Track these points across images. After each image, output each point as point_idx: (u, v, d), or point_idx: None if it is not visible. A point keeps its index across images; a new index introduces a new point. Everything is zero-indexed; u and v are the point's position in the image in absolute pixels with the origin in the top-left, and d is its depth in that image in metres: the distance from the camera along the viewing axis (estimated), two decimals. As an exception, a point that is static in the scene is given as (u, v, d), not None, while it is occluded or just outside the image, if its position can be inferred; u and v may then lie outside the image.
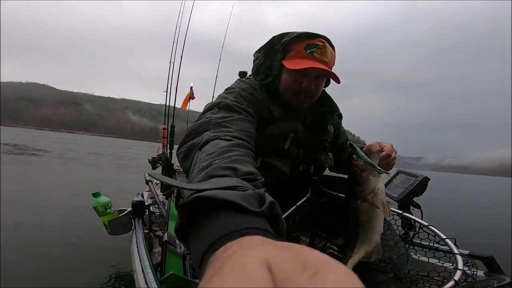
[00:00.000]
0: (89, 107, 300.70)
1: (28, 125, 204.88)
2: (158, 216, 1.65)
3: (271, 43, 1.10)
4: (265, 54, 1.12)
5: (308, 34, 1.04)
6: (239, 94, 0.99)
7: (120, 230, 1.67)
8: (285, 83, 1.08)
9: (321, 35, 1.05)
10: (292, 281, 0.18)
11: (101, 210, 1.63)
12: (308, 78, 1.05)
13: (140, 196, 1.64)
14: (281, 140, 1.09)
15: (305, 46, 1.03)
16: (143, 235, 1.38)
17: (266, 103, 1.06)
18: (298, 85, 1.06)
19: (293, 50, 1.05)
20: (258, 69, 1.13)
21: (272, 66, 1.09)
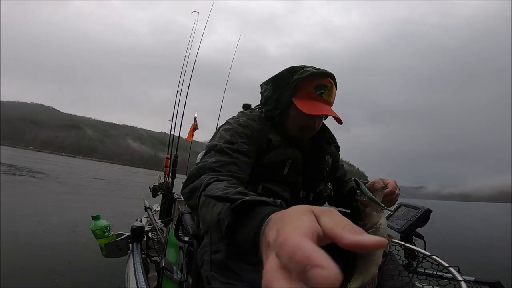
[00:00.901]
0: (91, 131, 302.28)
1: (28, 147, 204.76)
2: (155, 242, 1.67)
3: (280, 77, 1.13)
4: (273, 87, 1.15)
5: (319, 74, 1.08)
6: (235, 131, 1.07)
7: (115, 254, 1.69)
8: (293, 120, 1.12)
9: (330, 74, 1.10)
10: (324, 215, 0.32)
11: (99, 233, 1.66)
12: (313, 118, 1.11)
13: (139, 222, 1.67)
14: (280, 166, 1.12)
15: (315, 86, 1.07)
16: (141, 260, 1.41)
17: (265, 132, 1.12)
18: (305, 123, 1.11)
19: (304, 89, 1.08)
20: (267, 100, 1.17)
21: (279, 100, 1.13)
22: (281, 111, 1.13)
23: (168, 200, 2.85)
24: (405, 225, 1.26)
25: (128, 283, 1.38)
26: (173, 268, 1.32)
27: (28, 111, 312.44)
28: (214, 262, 0.93)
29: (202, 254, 0.99)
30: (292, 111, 1.12)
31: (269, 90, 1.17)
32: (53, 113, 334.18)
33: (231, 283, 0.86)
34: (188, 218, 1.31)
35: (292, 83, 1.09)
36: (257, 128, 1.11)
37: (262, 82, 1.23)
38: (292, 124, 1.14)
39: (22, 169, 15.90)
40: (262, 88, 1.23)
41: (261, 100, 1.23)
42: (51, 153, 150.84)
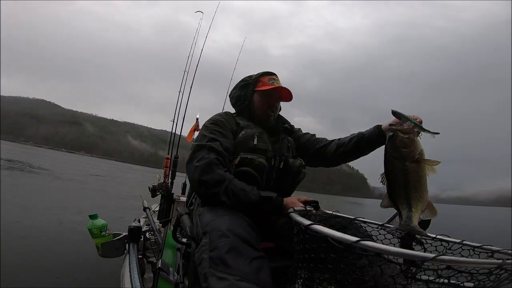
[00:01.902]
0: (91, 128, 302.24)
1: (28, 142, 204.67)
2: (153, 243, 1.66)
3: (243, 81, 1.64)
4: (240, 88, 1.63)
5: (268, 72, 1.63)
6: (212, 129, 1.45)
7: (112, 253, 1.68)
8: (257, 104, 1.58)
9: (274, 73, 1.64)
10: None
11: (96, 232, 1.64)
12: (273, 98, 1.57)
13: (137, 222, 1.66)
14: (250, 139, 1.45)
15: (268, 79, 1.59)
16: (137, 260, 1.40)
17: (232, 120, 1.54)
18: (267, 104, 1.57)
19: (261, 82, 1.60)
20: (236, 99, 1.64)
21: (246, 94, 1.60)
22: (249, 101, 1.59)
23: (167, 200, 2.84)
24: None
25: (123, 284, 1.37)
26: (170, 269, 1.32)
27: (30, 106, 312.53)
28: (212, 259, 0.95)
29: (201, 253, 1.01)
30: (257, 98, 1.59)
31: (237, 91, 1.64)
32: (54, 108, 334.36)
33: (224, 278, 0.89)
34: (187, 219, 1.31)
35: (253, 80, 1.60)
36: (225, 119, 1.51)
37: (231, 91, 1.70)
38: (258, 108, 1.58)
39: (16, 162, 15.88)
40: (231, 94, 1.68)
41: (231, 101, 1.68)
42: (51, 149, 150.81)
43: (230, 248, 0.96)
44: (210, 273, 0.92)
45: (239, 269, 0.91)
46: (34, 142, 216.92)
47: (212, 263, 0.94)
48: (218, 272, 0.91)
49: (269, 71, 1.63)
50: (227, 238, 0.99)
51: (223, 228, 1.04)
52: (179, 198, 2.89)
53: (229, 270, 0.90)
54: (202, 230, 1.11)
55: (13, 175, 10.44)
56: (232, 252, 0.95)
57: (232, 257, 0.94)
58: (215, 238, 1.01)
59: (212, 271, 0.92)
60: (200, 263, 0.98)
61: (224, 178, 1.26)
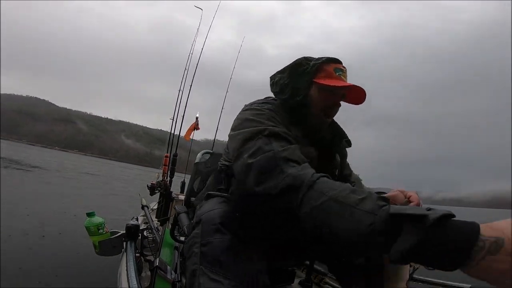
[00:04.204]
0: (86, 126, 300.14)
1: (22, 140, 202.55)
2: (151, 241, 1.66)
3: (298, 64, 1.15)
4: (290, 74, 1.15)
5: (334, 59, 1.15)
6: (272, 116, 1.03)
7: (109, 252, 1.66)
8: (316, 100, 1.12)
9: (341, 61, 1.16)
10: None
11: (94, 230, 1.63)
12: (337, 96, 1.13)
13: (135, 220, 1.66)
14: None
15: (334, 68, 1.12)
16: (134, 258, 1.39)
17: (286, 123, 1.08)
18: (330, 101, 1.13)
19: (324, 71, 1.12)
20: (283, 89, 1.16)
21: (299, 85, 1.13)
22: (303, 96, 1.13)
23: (166, 199, 2.83)
24: None
25: (120, 282, 1.37)
26: (167, 268, 1.32)
27: (24, 104, 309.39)
28: (204, 255, 0.86)
29: (191, 245, 0.91)
30: (314, 93, 1.13)
31: (285, 78, 1.16)
32: (49, 106, 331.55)
33: (219, 281, 0.81)
34: (185, 217, 1.31)
35: (312, 67, 1.12)
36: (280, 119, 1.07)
37: (274, 73, 1.21)
38: (315, 105, 1.13)
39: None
40: (274, 78, 1.20)
41: (274, 89, 1.20)
42: (44, 147, 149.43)
43: (226, 247, 0.86)
44: (201, 271, 0.84)
45: (235, 273, 0.83)
46: (28, 140, 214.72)
47: (204, 260, 0.85)
48: (211, 272, 0.83)
49: (334, 57, 1.15)
50: (223, 235, 0.88)
51: (217, 221, 0.90)
52: (177, 196, 2.89)
53: (224, 272, 0.82)
54: (196, 219, 0.99)
55: (7, 174, 10.32)
56: (228, 252, 0.85)
57: (228, 258, 0.85)
58: (208, 231, 0.90)
59: (203, 270, 0.84)
60: (190, 257, 0.90)
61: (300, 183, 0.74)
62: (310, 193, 0.72)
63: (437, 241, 0.50)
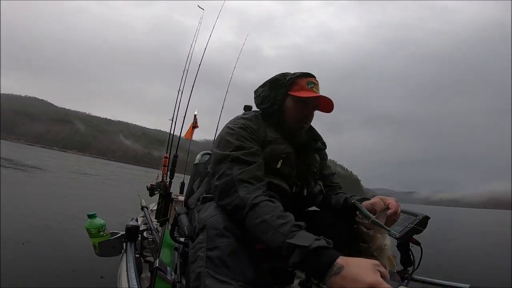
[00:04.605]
0: (85, 126, 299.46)
1: (20, 140, 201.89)
2: (150, 242, 1.66)
3: (275, 79, 1.36)
4: (270, 87, 1.36)
5: (307, 74, 1.35)
6: (240, 135, 1.21)
7: (109, 253, 1.67)
8: (291, 111, 1.33)
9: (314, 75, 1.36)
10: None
11: (94, 232, 1.63)
12: (309, 107, 1.33)
13: (134, 221, 1.66)
14: (274, 160, 1.24)
15: (306, 82, 1.32)
16: (134, 259, 1.40)
17: (261, 130, 1.29)
18: (302, 113, 1.32)
19: (297, 84, 1.32)
20: (264, 100, 1.36)
21: (276, 97, 1.33)
22: (279, 105, 1.33)
23: (165, 199, 2.83)
24: (403, 232, 1.26)
25: (120, 283, 1.37)
26: (167, 268, 1.32)
27: (22, 104, 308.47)
28: (211, 259, 0.89)
29: (196, 250, 0.95)
30: (289, 104, 1.33)
31: (266, 90, 1.36)
32: (47, 106, 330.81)
33: (226, 282, 0.84)
34: (184, 218, 1.31)
35: (287, 81, 1.33)
36: (255, 128, 1.26)
37: (257, 87, 1.41)
38: (290, 116, 1.33)
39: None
40: (257, 92, 1.41)
41: (257, 101, 1.40)
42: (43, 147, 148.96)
43: (232, 250, 0.91)
44: (206, 273, 0.87)
45: (242, 274, 0.87)
46: (26, 140, 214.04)
47: (210, 263, 0.89)
48: (217, 274, 0.86)
49: (308, 72, 1.35)
50: (228, 239, 0.93)
51: (221, 226, 0.97)
52: (177, 197, 2.89)
53: (231, 274, 0.86)
54: (199, 225, 1.04)
55: (6, 174, 10.30)
56: (234, 255, 0.90)
57: (234, 260, 0.89)
58: (213, 236, 0.95)
59: (209, 272, 0.87)
60: (194, 261, 0.93)
61: (244, 204, 0.98)
62: (250, 213, 0.97)
63: (310, 261, 0.78)
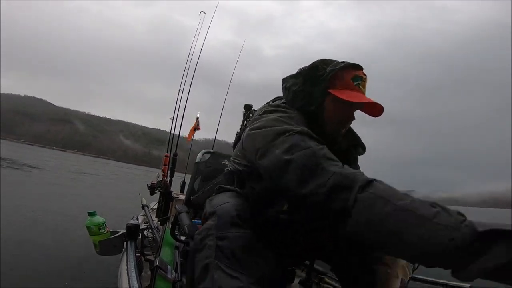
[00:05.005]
0: (84, 126, 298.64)
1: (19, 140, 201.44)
2: (151, 241, 1.67)
3: (313, 68, 1.07)
4: (305, 80, 1.07)
5: (354, 65, 1.05)
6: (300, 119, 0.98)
7: (109, 251, 1.67)
8: (331, 112, 1.06)
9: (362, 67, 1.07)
10: None
11: (94, 229, 1.63)
12: (352, 110, 1.07)
13: (135, 220, 1.66)
14: None
15: (352, 77, 1.04)
16: (134, 258, 1.40)
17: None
18: (345, 116, 1.07)
19: (341, 80, 1.04)
20: (297, 95, 1.08)
21: (313, 93, 1.05)
22: (317, 105, 1.06)
23: (166, 198, 2.83)
24: None
25: (121, 281, 1.37)
26: (168, 267, 1.32)
27: (21, 103, 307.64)
28: (221, 249, 0.81)
29: (204, 237, 0.85)
30: (329, 104, 1.06)
31: (298, 83, 1.08)
32: (47, 106, 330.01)
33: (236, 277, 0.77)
34: (185, 217, 1.31)
35: (328, 74, 1.03)
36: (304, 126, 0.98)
37: (287, 76, 1.14)
38: (330, 117, 1.07)
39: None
40: (287, 82, 1.13)
41: (287, 95, 1.13)
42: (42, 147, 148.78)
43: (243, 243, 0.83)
44: (216, 265, 0.79)
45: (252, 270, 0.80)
46: (25, 140, 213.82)
47: (220, 253, 0.81)
48: (227, 267, 0.79)
49: (355, 63, 1.05)
50: (239, 229, 0.84)
51: (233, 213, 0.87)
52: (177, 196, 2.89)
53: (242, 269, 0.79)
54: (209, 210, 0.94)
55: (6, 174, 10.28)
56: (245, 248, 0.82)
57: (245, 254, 0.82)
58: (224, 223, 0.85)
59: (219, 264, 0.79)
60: (201, 250, 0.84)
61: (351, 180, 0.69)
62: (365, 195, 0.66)
63: None
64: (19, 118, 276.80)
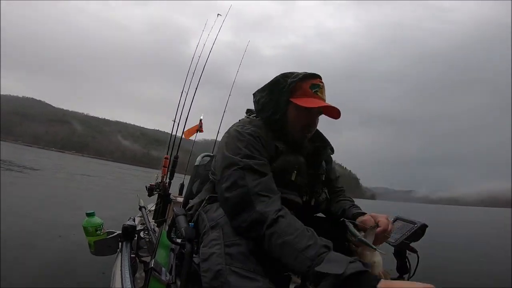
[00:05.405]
0: (83, 127, 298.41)
1: (17, 141, 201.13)
2: (147, 242, 1.65)
3: (275, 82, 1.21)
4: (269, 93, 1.21)
5: (311, 75, 1.19)
6: (249, 144, 1.09)
7: (104, 252, 1.65)
8: (294, 119, 1.19)
9: (319, 75, 1.21)
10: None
11: (91, 230, 1.62)
12: (312, 115, 1.19)
13: (131, 221, 1.65)
14: (288, 172, 1.16)
15: (310, 85, 1.17)
16: (129, 259, 1.39)
17: (271, 140, 1.16)
18: (306, 121, 1.19)
19: (300, 89, 1.17)
20: (264, 107, 1.22)
21: (278, 104, 1.18)
22: (281, 114, 1.19)
23: (164, 200, 2.82)
24: (400, 239, 1.24)
25: (114, 282, 1.36)
26: (162, 269, 1.31)
27: (20, 105, 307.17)
28: (231, 255, 0.84)
29: (210, 247, 0.89)
30: (292, 112, 1.19)
31: (265, 96, 1.22)
32: (45, 107, 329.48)
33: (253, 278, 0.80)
34: (182, 220, 1.30)
35: (289, 86, 1.17)
36: (264, 138, 1.14)
37: (255, 91, 1.28)
38: (293, 125, 1.20)
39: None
40: (256, 96, 1.27)
41: (256, 107, 1.28)
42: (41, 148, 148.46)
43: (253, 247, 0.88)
44: (228, 270, 0.81)
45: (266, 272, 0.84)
46: (24, 141, 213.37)
47: (231, 259, 0.83)
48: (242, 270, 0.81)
49: (313, 73, 1.20)
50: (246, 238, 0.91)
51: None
52: (176, 198, 2.88)
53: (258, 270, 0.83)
54: (210, 224, 1.00)
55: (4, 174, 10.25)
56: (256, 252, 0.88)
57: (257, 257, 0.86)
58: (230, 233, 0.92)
59: (231, 269, 0.81)
60: (208, 259, 0.87)
61: (264, 218, 0.89)
62: (270, 230, 0.87)
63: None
64: (17, 119, 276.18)
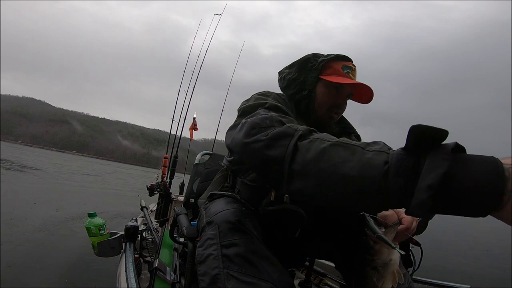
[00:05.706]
0: (82, 127, 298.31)
1: (18, 141, 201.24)
2: (150, 242, 1.66)
3: (306, 60, 1.17)
4: (298, 69, 1.17)
5: (343, 56, 1.15)
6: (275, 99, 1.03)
7: (108, 253, 1.66)
8: (322, 97, 1.13)
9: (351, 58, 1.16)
10: None
11: (94, 231, 1.63)
12: (342, 95, 1.13)
13: (134, 221, 1.65)
14: None
15: (342, 66, 1.12)
16: (133, 259, 1.39)
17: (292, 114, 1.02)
18: (334, 100, 1.13)
19: (331, 68, 1.13)
20: (290, 84, 1.17)
21: (305, 81, 1.14)
22: (309, 91, 1.13)
23: (165, 200, 2.83)
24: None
25: (119, 283, 1.37)
26: (166, 269, 1.32)
27: (19, 104, 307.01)
28: (229, 258, 0.75)
29: (205, 248, 0.80)
30: (320, 90, 1.13)
31: (293, 73, 1.17)
32: (45, 107, 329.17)
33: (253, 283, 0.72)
34: (184, 219, 1.30)
35: (320, 63, 1.13)
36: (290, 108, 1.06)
37: (283, 68, 1.23)
38: (320, 104, 1.13)
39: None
40: (282, 73, 1.22)
41: (282, 84, 1.21)
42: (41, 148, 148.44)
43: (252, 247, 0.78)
44: (226, 274, 0.73)
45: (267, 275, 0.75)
46: (24, 141, 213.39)
47: (228, 262, 0.75)
48: (241, 274, 0.73)
49: (344, 55, 1.16)
50: (245, 235, 0.80)
51: (234, 219, 0.83)
52: (177, 197, 2.88)
53: (259, 274, 0.74)
54: (206, 219, 0.89)
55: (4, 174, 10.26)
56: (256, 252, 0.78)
57: (257, 258, 0.77)
58: (227, 231, 0.81)
59: (229, 273, 0.73)
60: (204, 261, 0.78)
61: (291, 130, 0.68)
62: (305, 142, 0.64)
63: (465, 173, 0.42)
64: (17, 119, 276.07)
